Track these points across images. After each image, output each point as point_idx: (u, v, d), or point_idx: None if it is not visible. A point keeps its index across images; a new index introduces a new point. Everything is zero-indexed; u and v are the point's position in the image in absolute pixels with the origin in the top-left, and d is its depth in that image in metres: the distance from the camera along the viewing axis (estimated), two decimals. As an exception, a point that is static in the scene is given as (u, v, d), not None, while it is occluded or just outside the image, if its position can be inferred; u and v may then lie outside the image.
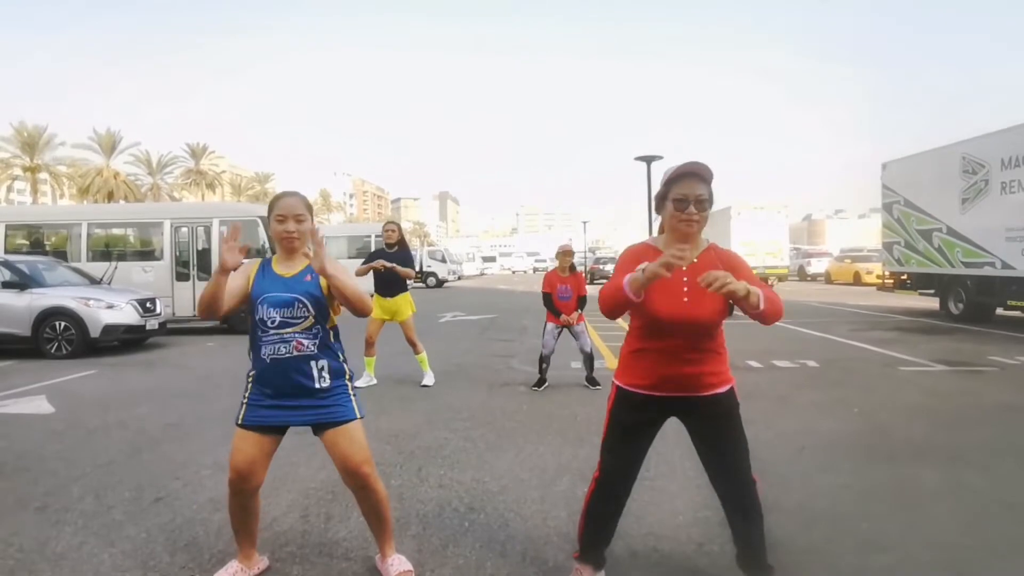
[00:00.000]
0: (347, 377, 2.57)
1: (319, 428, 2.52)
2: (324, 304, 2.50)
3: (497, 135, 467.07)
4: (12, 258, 10.73)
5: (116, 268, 12.69)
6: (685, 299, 2.15)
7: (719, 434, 2.29)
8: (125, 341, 10.14)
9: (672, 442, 3.73)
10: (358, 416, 2.54)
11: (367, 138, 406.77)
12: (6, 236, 13.36)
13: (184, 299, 12.50)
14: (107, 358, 9.28)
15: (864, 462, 4.10)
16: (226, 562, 2.68)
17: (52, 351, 9.42)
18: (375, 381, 6.85)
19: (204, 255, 12.69)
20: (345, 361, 2.58)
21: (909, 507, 3.34)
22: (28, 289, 9.69)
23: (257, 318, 2.45)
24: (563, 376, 7.03)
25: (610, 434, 2.37)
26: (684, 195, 2.15)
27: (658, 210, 2.30)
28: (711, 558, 2.79)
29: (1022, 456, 4.21)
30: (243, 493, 2.49)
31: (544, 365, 6.58)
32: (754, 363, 7.87)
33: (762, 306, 2.02)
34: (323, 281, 2.48)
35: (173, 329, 11.97)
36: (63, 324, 9.51)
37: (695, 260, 2.18)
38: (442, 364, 7.87)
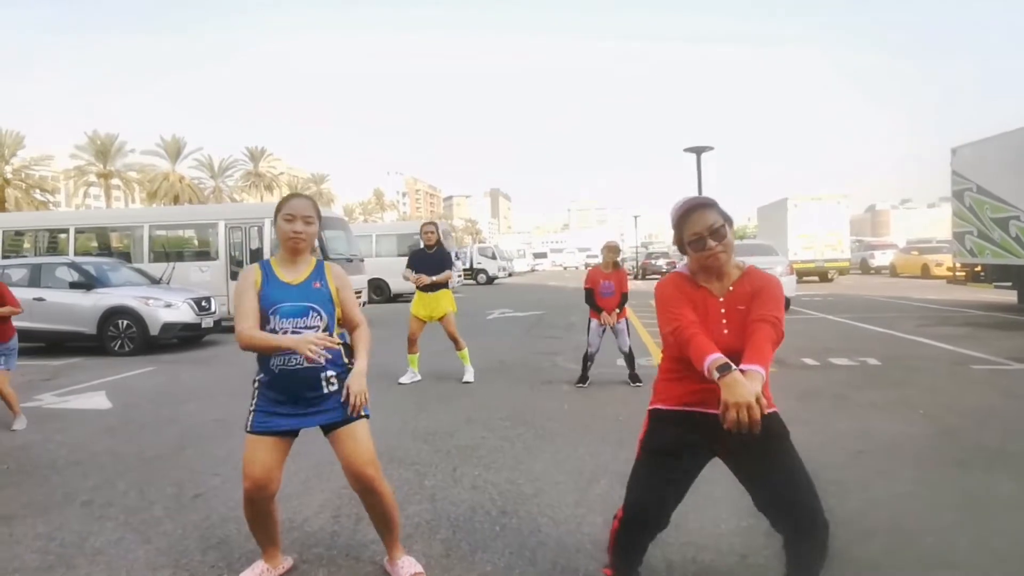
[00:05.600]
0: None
1: (326, 429, 2.48)
2: (333, 312, 2.49)
3: (549, 131, 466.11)
4: (79, 260, 11.27)
5: (174, 268, 13.17)
6: (725, 331, 2.06)
7: (766, 461, 2.01)
8: (182, 339, 10.50)
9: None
10: (362, 415, 2.47)
11: (420, 137, 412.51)
12: (76, 239, 14.07)
13: None
14: (166, 355, 9.62)
15: (930, 469, 3.80)
16: (254, 561, 2.67)
17: (116, 348, 9.83)
18: (419, 377, 6.89)
19: (257, 254, 13.01)
20: (350, 362, 2.50)
21: (980, 519, 3.06)
22: (93, 289, 10.15)
23: (268, 328, 2.38)
24: (607, 374, 6.86)
25: (638, 464, 2.17)
26: (697, 233, 2.07)
27: (681, 251, 2.22)
28: (754, 571, 2.61)
29: (1111, 464, 3.82)
30: (260, 502, 2.45)
31: (589, 363, 6.45)
32: (810, 360, 7.49)
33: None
34: (333, 290, 2.49)
35: (227, 327, 12.32)
36: (125, 322, 9.91)
37: (730, 288, 2.12)
38: (486, 361, 7.81)
